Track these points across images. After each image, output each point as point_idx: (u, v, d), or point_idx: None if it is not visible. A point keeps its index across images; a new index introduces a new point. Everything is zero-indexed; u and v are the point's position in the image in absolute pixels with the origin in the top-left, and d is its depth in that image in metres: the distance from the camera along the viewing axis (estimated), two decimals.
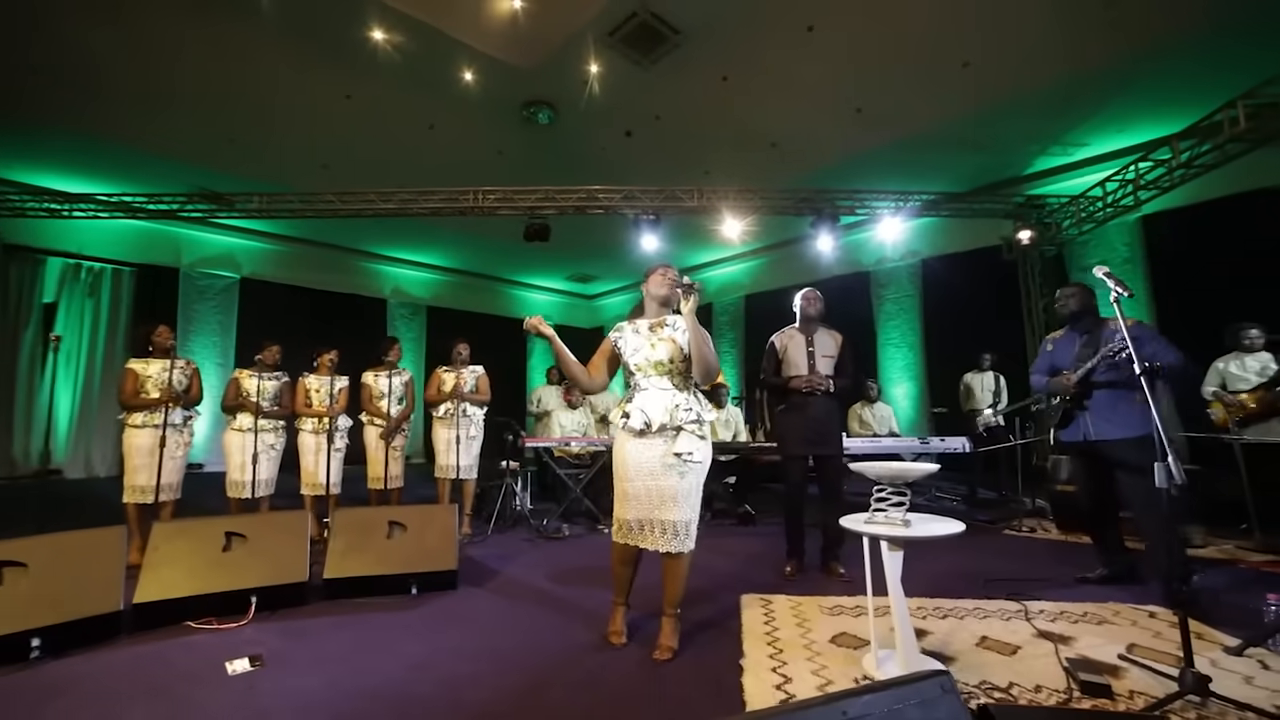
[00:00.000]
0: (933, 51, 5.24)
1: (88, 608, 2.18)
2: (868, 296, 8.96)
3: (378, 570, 2.70)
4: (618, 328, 2.37)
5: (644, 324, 2.31)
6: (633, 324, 2.34)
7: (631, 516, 2.16)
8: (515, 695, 1.79)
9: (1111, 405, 2.71)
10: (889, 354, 8.67)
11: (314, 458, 3.96)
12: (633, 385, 2.26)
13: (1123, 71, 5.14)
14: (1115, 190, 5.71)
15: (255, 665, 1.99)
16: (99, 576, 2.25)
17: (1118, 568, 2.81)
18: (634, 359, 2.24)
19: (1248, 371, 4.26)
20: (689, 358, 2.18)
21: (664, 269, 2.35)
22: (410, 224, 8.22)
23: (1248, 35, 4.62)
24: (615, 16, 5.23)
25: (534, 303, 12.63)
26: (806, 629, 2.30)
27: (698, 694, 1.80)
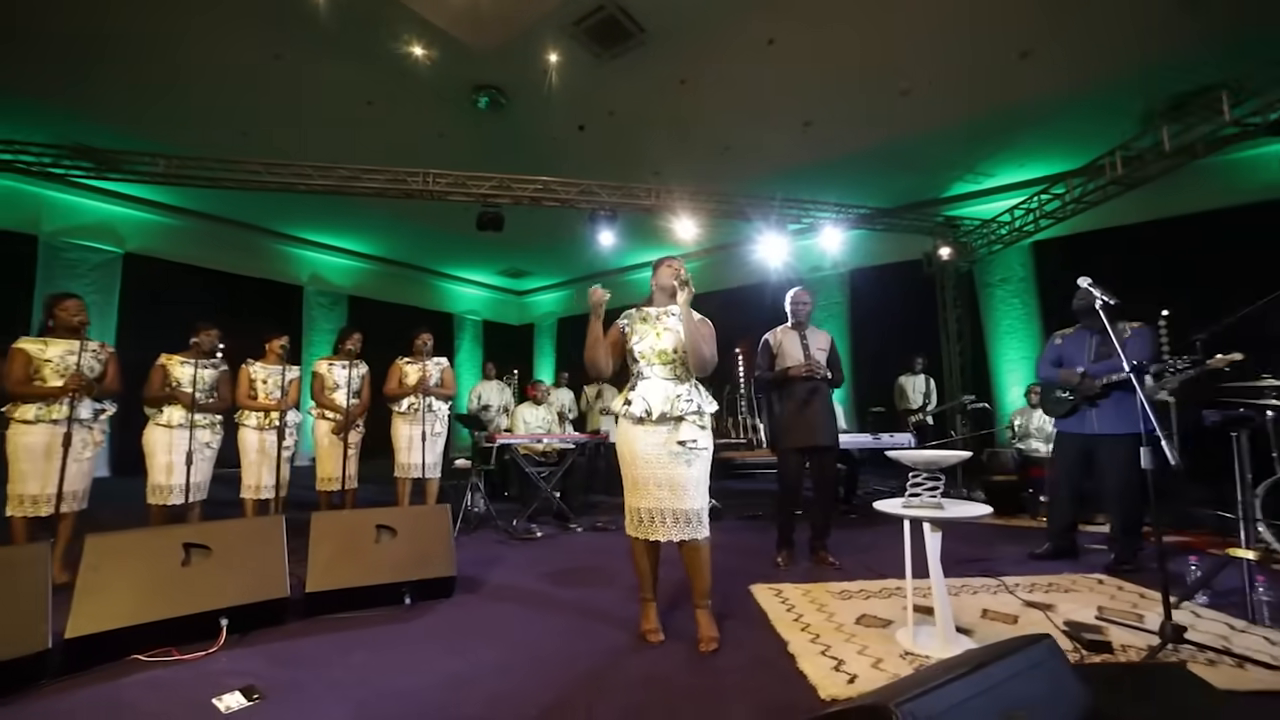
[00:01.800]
0: (878, 77, 5.65)
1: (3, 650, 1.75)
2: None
3: (368, 580, 2.43)
4: (626, 315, 2.34)
5: (652, 312, 2.31)
6: (641, 312, 2.33)
7: (643, 506, 2.13)
8: (579, 705, 1.68)
9: (1118, 405, 3.00)
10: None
11: (257, 457, 3.49)
12: (635, 373, 2.24)
13: (1029, 113, 5.85)
14: (1021, 217, 6.48)
15: (253, 699, 1.70)
16: (18, 608, 1.82)
17: (1062, 544, 3.19)
18: (639, 346, 2.23)
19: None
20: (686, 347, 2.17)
21: (670, 260, 2.34)
22: (333, 205, 7.55)
23: (1127, 96, 5.45)
24: (583, 6, 5.13)
25: (463, 296, 12.04)
26: (829, 613, 2.37)
27: (763, 682, 1.80)
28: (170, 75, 5.38)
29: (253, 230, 8.60)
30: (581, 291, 12.56)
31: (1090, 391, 3.09)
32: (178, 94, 5.66)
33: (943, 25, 4.91)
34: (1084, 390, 3.12)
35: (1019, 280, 7.38)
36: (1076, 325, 3.30)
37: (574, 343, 12.09)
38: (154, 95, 5.66)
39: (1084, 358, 3.16)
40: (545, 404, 5.13)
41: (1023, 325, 7.35)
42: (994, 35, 4.91)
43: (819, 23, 5.07)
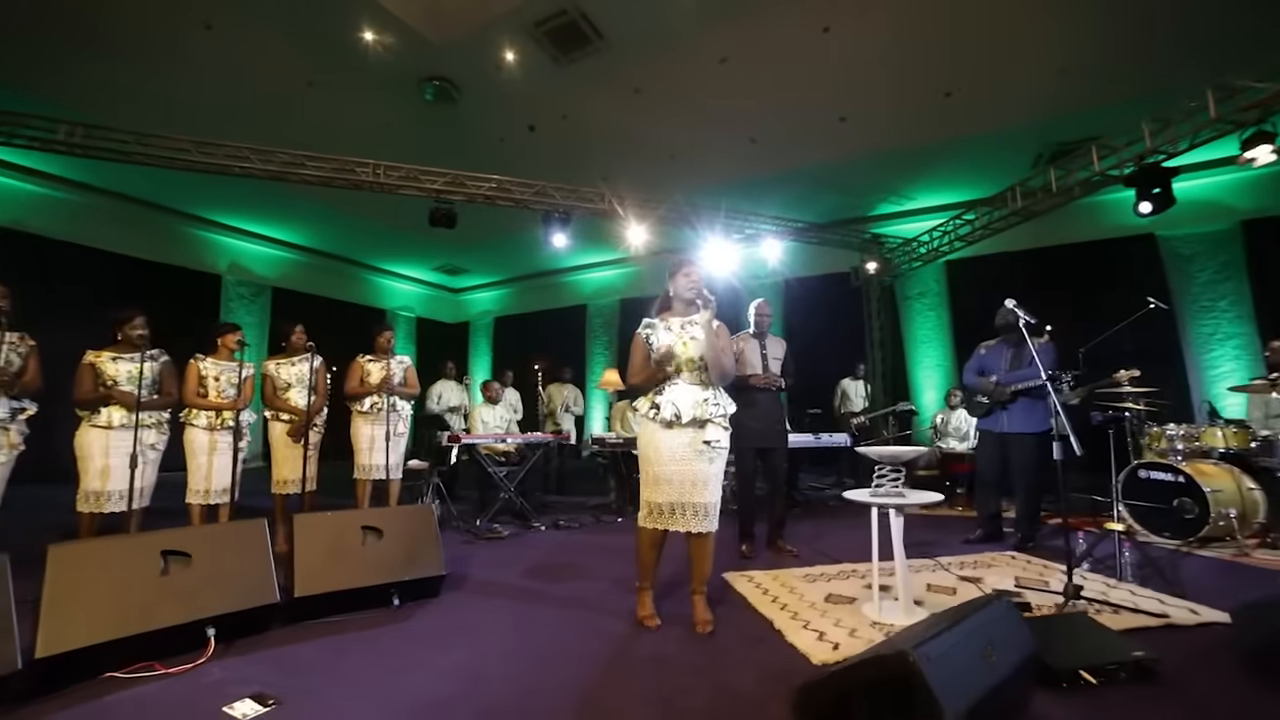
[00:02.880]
0: (820, 102, 6.11)
1: None
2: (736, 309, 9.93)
3: (357, 582, 2.39)
4: (647, 324, 2.45)
5: (676, 322, 2.42)
6: (664, 321, 2.43)
7: (663, 500, 2.26)
8: (595, 688, 1.80)
9: (1025, 409, 3.51)
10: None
11: (207, 459, 3.26)
12: (660, 377, 2.35)
13: (948, 146, 6.56)
14: (938, 238, 7.22)
15: (269, 705, 1.66)
16: None
17: (991, 530, 3.67)
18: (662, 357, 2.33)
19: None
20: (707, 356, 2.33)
21: (688, 269, 2.44)
22: (257, 190, 7.04)
23: (1026, 140, 6.27)
24: (546, 9, 5.19)
25: (396, 292, 11.54)
26: (800, 594, 2.63)
27: (759, 655, 2.00)
28: (80, 36, 4.85)
29: (162, 210, 7.81)
30: (521, 290, 12.42)
31: (1002, 398, 3.60)
32: (88, 58, 5.10)
33: (880, 63, 5.43)
34: (996, 396, 3.63)
35: (934, 295, 8.20)
36: (997, 339, 3.80)
37: (512, 342, 11.93)
38: (59, 56, 5.07)
39: (1000, 367, 3.67)
40: (501, 403, 5.12)
41: (937, 336, 8.18)
42: (924, 76, 5.48)
43: (768, 48, 5.43)
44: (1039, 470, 3.42)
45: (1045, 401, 3.39)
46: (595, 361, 11.26)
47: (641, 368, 2.39)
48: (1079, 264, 6.96)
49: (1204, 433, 3.73)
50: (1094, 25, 4.74)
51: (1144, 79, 5.16)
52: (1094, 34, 4.81)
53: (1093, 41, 4.89)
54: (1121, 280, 6.53)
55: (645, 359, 2.39)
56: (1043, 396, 3.34)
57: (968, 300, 7.81)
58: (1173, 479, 3.50)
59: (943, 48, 5.17)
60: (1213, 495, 3.31)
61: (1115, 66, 5.12)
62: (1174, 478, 3.49)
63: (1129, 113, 4.92)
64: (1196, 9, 4.49)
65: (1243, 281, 6.53)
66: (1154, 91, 4.96)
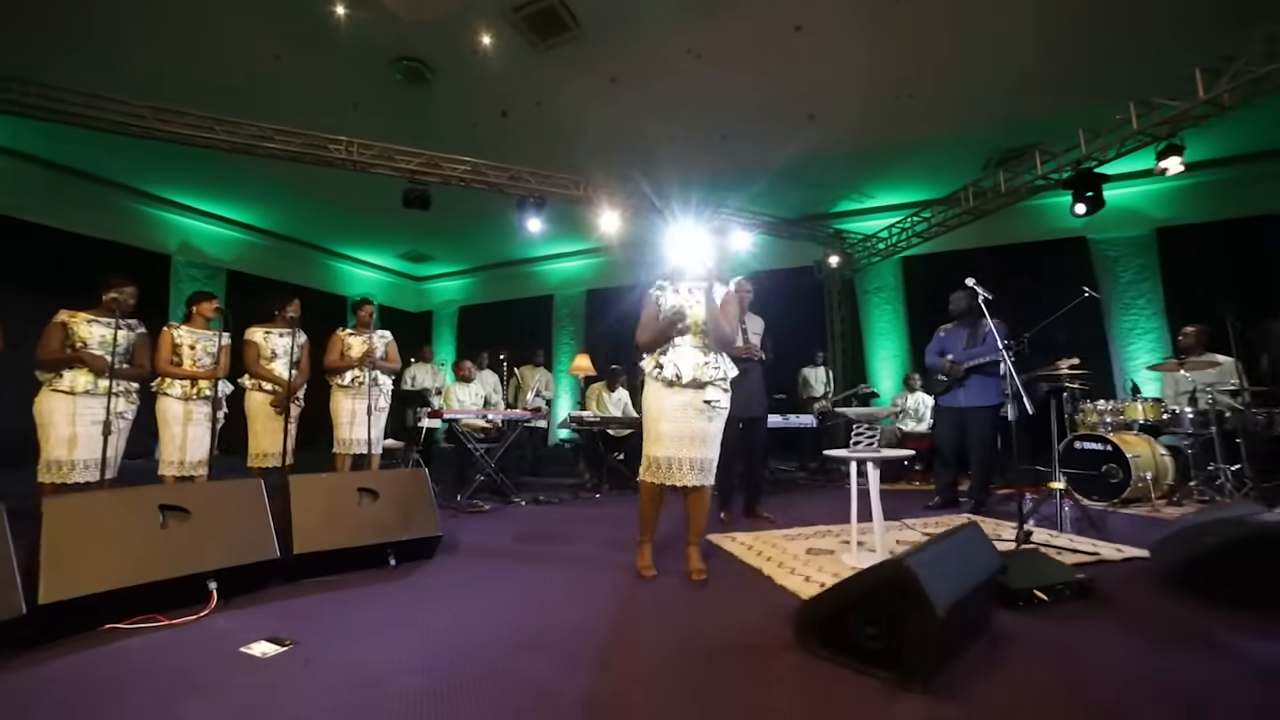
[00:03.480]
0: (790, 101, 6.36)
1: None
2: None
3: (354, 541, 2.41)
4: (659, 285, 2.54)
5: (685, 286, 2.50)
6: (674, 285, 2.52)
7: (663, 454, 2.37)
8: (610, 624, 1.90)
9: (979, 385, 3.84)
10: None
11: (181, 430, 3.16)
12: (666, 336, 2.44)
13: (907, 146, 6.95)
14: (896, 234, 7.64)
15: (286, 645, 1.69)
16: None
17: (949, 497, 3.98)
18: (672, 311, 2.43)
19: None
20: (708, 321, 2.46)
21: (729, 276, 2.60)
22: (213, 166, 6.75)
23: (978, 143, 6.72)
24: None
25: (358, 279, 11.19)
26: (782, 549, 2.81)
27: (754, 595, 2.16)
28: None
29: (106, 184, 7.32)
30: (487, 279, 12.27)
31: (958, 375, 3.91)
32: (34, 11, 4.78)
33: (846, 63, 5.70)
34: (953, 374, 3.94)
35: (891, 290, 8.65)
36: (954, 323, 4.13)
37: (477, 332, 11.75)
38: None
39: (958, 348, 3.99)
40: (475, 381, 5.12)
41: (893, 328, 8.63)
42: (888, 77, 5.79)
43: (742, 44, 5.60)
44: (993, 442, 3.74)
45: (997, 378, 3.71)
46: (562, 352, 11.27)
47: (649, 325, 2.48)
48: (1021, 262, 7.50)
49: (1128, 407, 4.16)
50: (1039, 38, 5.16)
51: (1081, 91, 5.62)
52: (1039, 47, 5.23)
53: (1038, 54, 5.31)
54: (1058, 277, 7.07)
55: (653, 317, 2.48)
56: (995, 373, 3.66)
57: (922, 295, 8.28)
58: (1102, 448, 3.90)
59: (905, 51, 5.49)
60: (1134, 460, 3.71)
61: (1057, 78, 5.57)
62: (1103, 447, 3.89)
63: (1068, 122, 5.38)
64: (1125, 29, 4.95)
65: (1157, 282, 7.22)
66: (1089, 104, 5.41)
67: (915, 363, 8.09)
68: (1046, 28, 5.03)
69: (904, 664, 1.41)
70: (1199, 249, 6.86)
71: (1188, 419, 3.97)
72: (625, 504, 4.42)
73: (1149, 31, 4.95)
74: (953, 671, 1.46)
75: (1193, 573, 2.11)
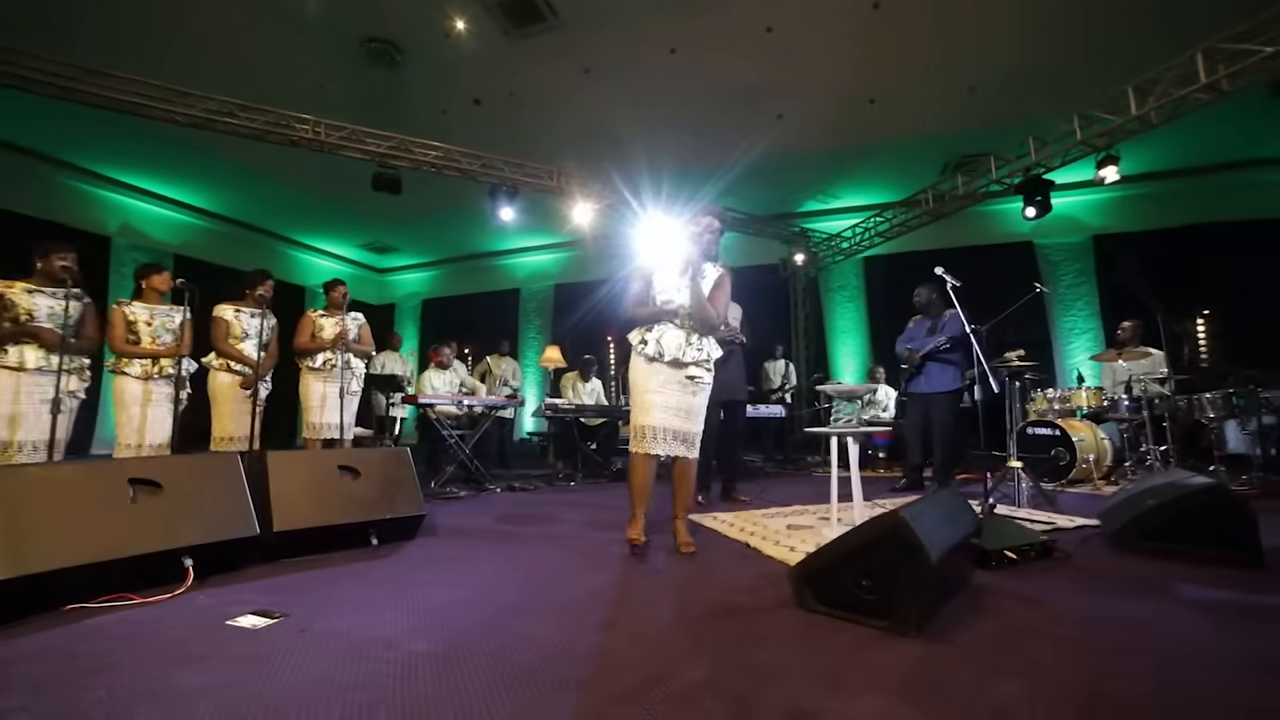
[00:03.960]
0: (759, 100, 6.51)
1: None
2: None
3: (336, 519, 2.34)
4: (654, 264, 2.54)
5: (674, 270, 2.51)
6: (667, 264, 2.53)
7: (650, 423, 2.38)
8: (608, 589, 1.92)
9: (938, 371, 4.04)
10: None
11: (140, 410, 2.98)
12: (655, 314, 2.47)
13: (871, 149, 7.22)
14: (860, 234, 7.92)
15: (276, 618, 1.62)
16: None
17: (914, 480, 4.17)
18: (661, 296, 2.48)
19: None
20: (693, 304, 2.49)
21: (698, 219, 2.58)
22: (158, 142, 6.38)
23: (937, 148, 7.05)
24: None
25: (317, 269, 10.77)
26: (764, 526, 2.89)
27: (744, 564, 2.22)
28: None
29: (38, 159, 6.80)
30: (452, 272, 12.02)
31: (914, 361, 4.15)
32: None
33: (814, 66, 5.89)
34: (911, 360, 4.17)
35: (854, 288, 8.97)
36: (920, 315, 4.36)
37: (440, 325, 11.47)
38: None
39: (921, 336, 4.21)
40: (450, 368, 5.04)
41: (855, 326, 8.95)
42: (854, 81, 6.02)
43: (715, 42, 5.71)
44: (955, 426, 3.95)
45: (955, 366, 3.94)
46: (529, 346, 11.15)
47: (639, 299, 2.52)
48: (973, 263, 7.87)
49: (1073, 395, 4.47)
50: (993, 52, 5.47)
51: (1031, 103, 5.99)
52: (992, 59, 5.55)
53: (992, 66, 5.63)
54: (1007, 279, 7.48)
55: (644, 291, 2.52)
56: (953, 360, 3.88)
57: (882, 293, 8.62)
58: (1051, 433, 4.17)
59: (870, 57, 5.72)
60: (1079, 444, 4.00)
61: (1012, 89, 5.91)
62: (1052, 431, 4.17)
63: (1019, 132, 5.73)
64: (1070, 47, 5.31)
65: (1093, 285, 7.76)
66: (1039, 115, 5.77)
67: (877, 358, 8.40)
68: (999, 42, 5.34)
69: (898, 612, 1.49)
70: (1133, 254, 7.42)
71: (1124, 406, 4.30)
72: (601, 491, 4.44)
73: (1090, 51, 5.32)
74: (940, 619, 1.56)
75: (1136, 531, 2.31)
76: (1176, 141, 6.47)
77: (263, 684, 1.22)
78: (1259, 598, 1.79)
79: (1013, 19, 5.10)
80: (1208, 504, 2.20)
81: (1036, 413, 4.53)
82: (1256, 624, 1.59)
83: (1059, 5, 4.88)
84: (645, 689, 1.19)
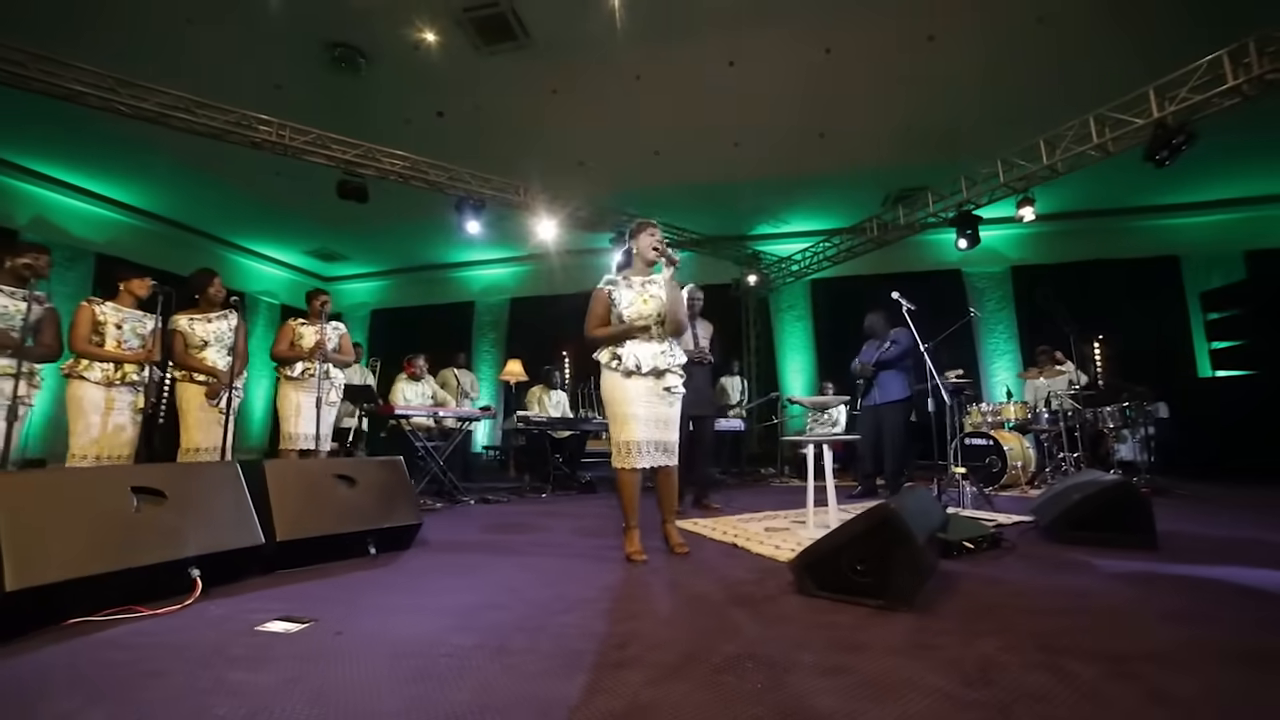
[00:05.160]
0: (719, 127, 6.88)
1: None
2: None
3: (338, 528, 2.33)
4: (608, 280, 2.62)
5: (637, 280, 2.60)
6: (625, 279, 2.61)
7: (633, 438, 2.45)
8: (617, 588, 2.05)
9: (889, 380, 4.43)
10: None
11: (101, 418, 2.82)
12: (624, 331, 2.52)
13: (820, 179, 7.76)
14: (809, 258, 8.45)
15: (305, 623, 1.62)
16: None
17: (868, 487, 4.51)
18: (627, 311, 2.54)
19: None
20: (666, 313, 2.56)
21: (651, 229, 2.65)
22: (81, 133, 5.94)
23: (882, 181, 7.68)
24: None
25: (259, 275, 10.23)
26: (743, 529, 3.09)
27: (736, 562, 2.40)
28: None
29: None
30: (403, 282, 11.71)
31: (868, 374, 4.55)
32: None
33: (771, 100, 6.31)
34: (864, 373, 4.58)
35: (801, 308, 9.51)
36: (870, 340, 4.79)
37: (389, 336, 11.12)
38: None
39: (872, 355, 4.62)
40: (423, 380, 4.98)
41: (802, 345, 9.47)
42: (806, 115, 6.49)
43: (680, 72, 6.03)
44: (904, 434, 4.34)
45: (903, 378, 4.34)
46: (482, 360, 11.01)
47: (599, 318, 2.58)
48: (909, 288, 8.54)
49: (1003, 409, 5.00)
50: (931, 99, 6.09)
51: (964, 143, 6.66)
52: (927, 104, 6.17)
53: (928, 110, 6.25)
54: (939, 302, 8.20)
55: (605, 312, 2.58)
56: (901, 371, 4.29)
57: (828, 314, 9.20)
58: (985, 443, 4.65)
59: (822, 94, 6.20)
60: (1009, 452, 4.49)
61: (944, 132, 6.57)
62: (986, 442, 4.64)
63: (953, 169, 6.38)
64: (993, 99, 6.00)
65: (1011, 312, 8.64)
66: (969, 155, 6.43)
67: (823, 375, 8.93)
68: (935, 92, 5.97)
69: (891, 591, 1.71)
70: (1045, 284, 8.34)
71: (1044, 418, 4.87)
72: (574, 503, 4.51)
73: (1010, 107, 6.04)
74: (922, 598, 1.79)
75: (1065, 523, 2.68)
76: (1082, 185, 7.36)
77: (326, 679, 1.26)
78: (1157, 568, 2.20)
79: (941, 76, 5.73)
80: (1118, 498, 2.61)
81: (972, 425, 5.04)
82: (1156, 588, 1.97)
83: (982, 65, 5.54)
84: (689, 663, 1.34)
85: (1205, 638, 1.49)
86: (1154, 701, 1.14)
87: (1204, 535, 2.89)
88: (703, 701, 1.15)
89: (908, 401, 4.25)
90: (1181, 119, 4.49)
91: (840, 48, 5.66)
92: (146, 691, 1.20)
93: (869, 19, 5.24)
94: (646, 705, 1.14)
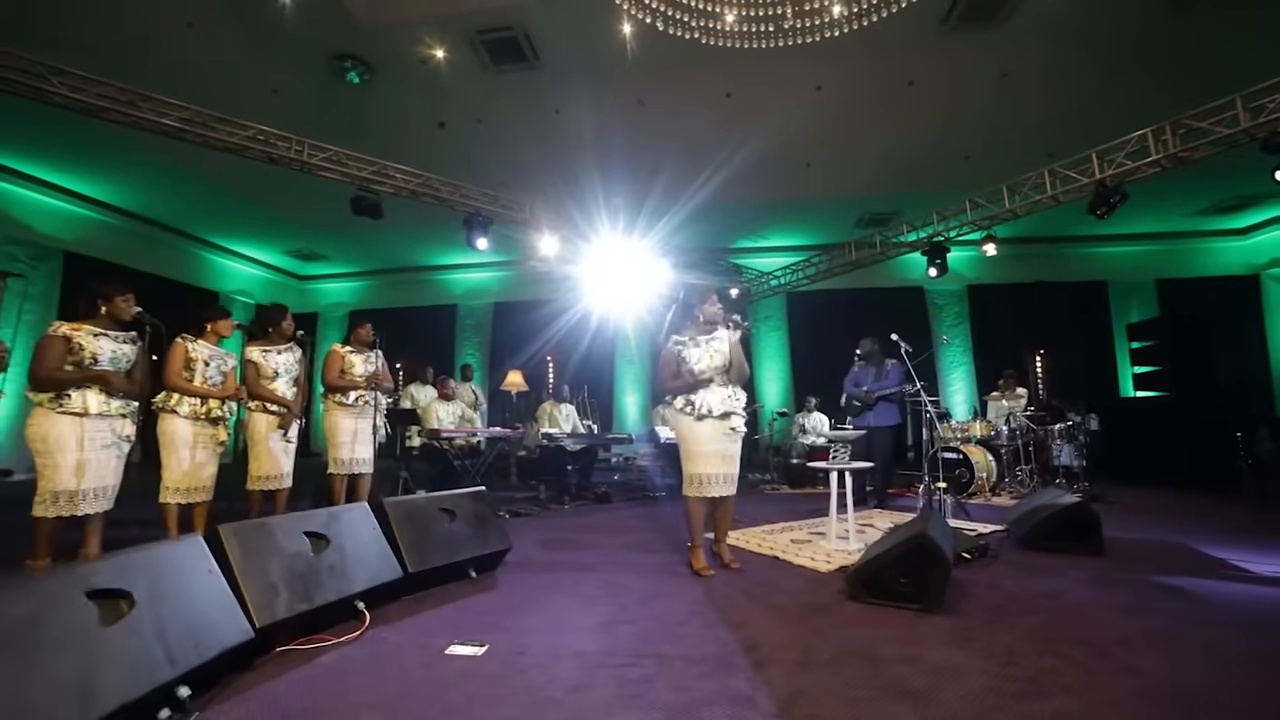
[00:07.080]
0: (715, 151, 7.30)
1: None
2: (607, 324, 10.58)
3: (452, 557, 2.65)
4: (678, 341, 3.11)
5: (702, 339, 3.10)
6: (692, 339, 3.11)
7: (704, 472, 2.93)
8: (714, 605, 2.48)
9: (884, 409, 5.02)
10: (622, 369, 10.65)
11: (190, 453, 2.99)
12: (694, 383, 3.03)
13: (804, 202, 8.34)
14: (791, 273, 9.06)
15: (482, 646, 1.94)
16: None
17: (858, 498, 5.10)
18: (698, 365, 3.03)
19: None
20: (732, 364, 3.12)
21: (713, 298, 3.21)
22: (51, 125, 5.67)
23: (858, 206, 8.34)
24: (494, 20, 5.51)
25: (234, 273, 9.95)
26: (773, 542, 3.59)
27: (784, 572, 2.89)
28: None
29: None
30: (384, 284, 11.62)
31: (870, 401, 5.12)
32: None
33: (763, 129, 6.77)
34: (866, 400, 5.13)
35: (777, 319, 10.14)
36: (864, 361, 5.34)
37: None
38: None
39: (869, 381, 5.20)
40: (455, 400, 5.23)
41: (780, 356, 10.12)
42: (795, 145, 7.02)
43: (682, 100, 6.43)
44: (892, 452, 4.96)
45: (895, 406, 4.96)
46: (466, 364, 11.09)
47: (674, 375, 3.08)
48: (875, 302, 9.38)
49: (970, 426, 5.73)
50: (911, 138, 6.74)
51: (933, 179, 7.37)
52: (909, 144, 6.83)
53: (907, 148, 6.91)
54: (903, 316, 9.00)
55: (677, 368, 3.07)
56: (894, 400, 4.91)
57: (803, 326, 9.87)
58: (956, 456, 5.35)
59: (811, 127, 6.74)
60: (976, 465, 5.19)
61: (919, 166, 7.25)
62: (957, 455, 5.34)
63: (925, 201, 7.08)
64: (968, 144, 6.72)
65: (967, 328, 9.56)
66: (940, 189, 7.13)
67: (798, 383, 9.60)
68: (913, 133, 6.63)
69: (928, 598, 2.23)
70: (996, 302, 9.29)
71: (1005, 434, 5.62)
72: (599, 514, 4.88)
73: (976, 146, 6.78)
74: (946, 601, 2.33)
75: (1036, 535, 3.30)
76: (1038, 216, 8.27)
77: (565, 692, 1.62)
78: (1108, 573, 2.84)
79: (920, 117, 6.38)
80: (1075, 515, 3.25)
81: (944, 440, 5.74)
82: (1111, 588, 2.60)
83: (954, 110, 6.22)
84: (809, 658, 1.81)
85: (1153, 626, 2.08)
86: (1126, 673, 1.70)
87: (1139, 541, 3.56)
88: (835, 687, 1.62)
89: (898, 427, 4.86)
90: (1117, 180, 5.27)
91: (830, 85, 6.19)
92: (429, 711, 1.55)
93: (859, 61, 5.75)
94: (803, 690, 1.60)
